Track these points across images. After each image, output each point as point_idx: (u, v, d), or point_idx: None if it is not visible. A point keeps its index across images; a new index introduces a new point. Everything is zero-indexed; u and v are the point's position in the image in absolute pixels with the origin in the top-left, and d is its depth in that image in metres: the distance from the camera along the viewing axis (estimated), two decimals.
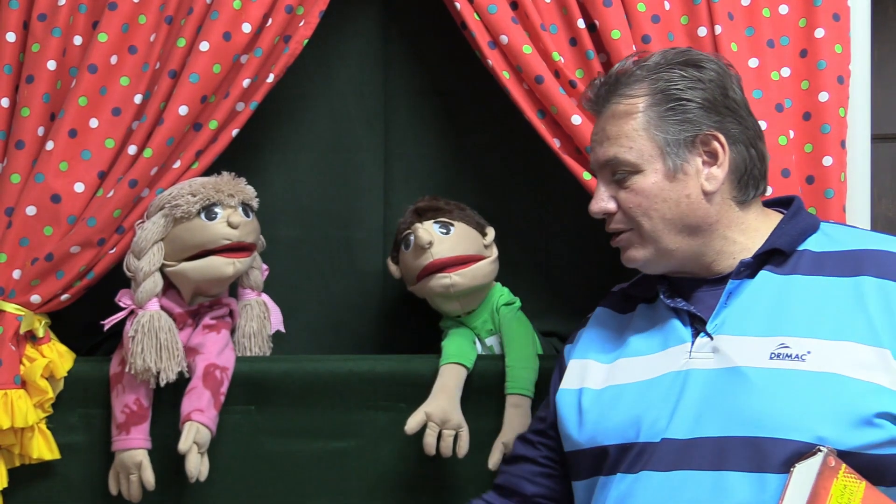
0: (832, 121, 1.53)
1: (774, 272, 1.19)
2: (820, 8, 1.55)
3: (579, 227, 1.76)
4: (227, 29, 1.52)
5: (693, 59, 1.23)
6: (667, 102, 1.20)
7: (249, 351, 1.62)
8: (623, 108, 1.23)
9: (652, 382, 1.20)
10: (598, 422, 1.23)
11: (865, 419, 1.06)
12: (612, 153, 1.23)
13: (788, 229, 1.23)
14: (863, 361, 1.09)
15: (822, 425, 1.06)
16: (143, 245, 1.51)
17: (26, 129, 1.52)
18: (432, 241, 1.55)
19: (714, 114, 1.20)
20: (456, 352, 1.55)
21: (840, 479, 1.03)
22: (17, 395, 1.50)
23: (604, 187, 1.26)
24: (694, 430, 1.13)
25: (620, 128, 1.22)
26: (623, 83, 1.24)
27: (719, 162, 1.20)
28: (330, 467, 1.56)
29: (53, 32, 1.53)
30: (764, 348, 1.13)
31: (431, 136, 1.80)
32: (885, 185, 2.59)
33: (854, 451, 1.06)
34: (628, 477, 1.15)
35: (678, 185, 1.20)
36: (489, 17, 1.56)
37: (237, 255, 1.54)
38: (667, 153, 1.20)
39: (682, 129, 1.20)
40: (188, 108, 1.52)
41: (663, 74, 1.22)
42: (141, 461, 1.50)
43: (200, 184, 1.52)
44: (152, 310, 1.51)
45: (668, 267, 1.26)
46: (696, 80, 1.21)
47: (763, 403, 1.10)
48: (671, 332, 1.23)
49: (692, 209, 1.21)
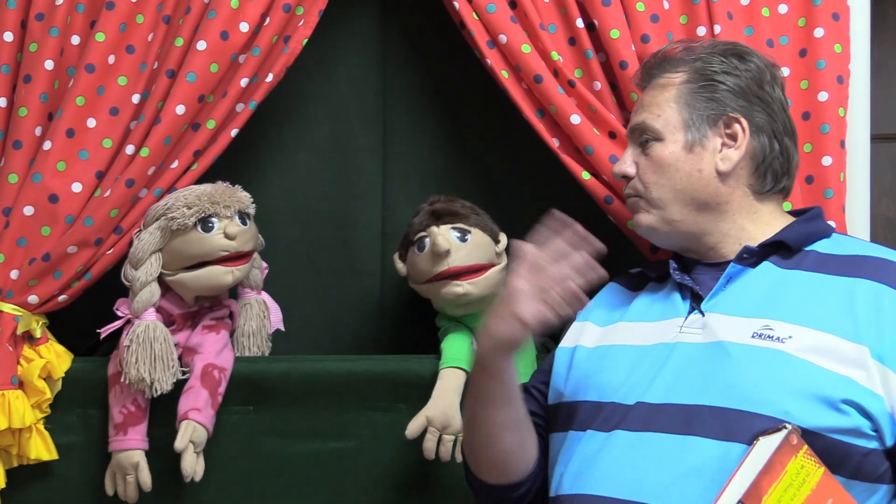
0: (832, 121, 1.52)
1: (777, 265, 1.22)
2: (819, 7, 1.55)
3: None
4: (225, 28, 1.52)
5: (739, 51, 1.30)
6: (700, 80, 1.27)
7: (249, 350, 1.62)
8: (663, 81, 1.31)
9: (643, 349, 1.23)
10: (584, 377, 1.27)
11: (831, 402, 1.09)
12: (641, 119, 1.30)
13: (801, 229, 1.26)
14: (840, 355, 1.11)
15: (789, 401, 1.09)
16: (140, 255, 1.51)
17: (24, 128, 1.52)
18: (450, 250, 1.55)
19: (742, 99, 1.26)
20: (456, 355, 1.55)
21: (799, 458, 1.04)
22: (15, 395, 1.49)
23: (629, 152, 1.32)
24: (667, 396, 1.16)
25: (655, 97, 1.30)
26: (668, 62, 1.32)
27: (737, 145, 1.25)
28: (328, 468, 1.56)
29: (51, 32, 1.53)
30: (748, 327, 1.16)
31: (430, 135, 1.80)
32: (884, 185, 2.58)
33: (817, 431, 1.08)
34: (599, 434, 1.19)
35: (693, 157, 1.26)
36: (488, 16, 1.55)
37: (236, 263, 1.54)
38: (689, 126, 1.26)
39: (708, 107, 1.26)
40: (185, 107, 1.52)
41: (705, 57, 1.28)
42: (138, 462, 1.50)
43: (196, 195, 1.52)
44: (148, 320, 1.51)
45: (673, 240, 1.30)
46: (733, 67, 1.27)
47: (736, 377, 1.13)
48: (670, 305, 1.26)
49: (703, 184, 1.25)
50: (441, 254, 1.54)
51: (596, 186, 1.56)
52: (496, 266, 1.60)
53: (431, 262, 1.56)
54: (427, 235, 1.57)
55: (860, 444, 1.09)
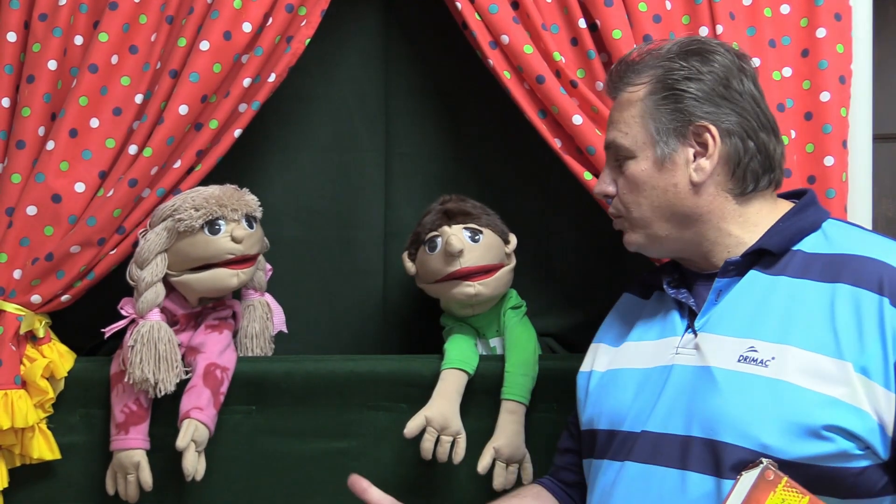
0: (833, 121, 1.53)
1: (763, 272, 1.19)
2: (821, 8, 1.55)
3: (580, 227, 1.77)
4: (228, 28, 1.52)
5: (702, 48, 1.23)
6: (663, 91, 1.22)
7: (251, 351, 1.62)
8: (626, 95, 1.26)
9: (645, 372, 1.23)
10: (596, 404, 1.27)
11: (812, 430, 1.06)
12: (611, 137, 1.27)
13: (785, 227, 1.21)
14: (823, 373, 1.08)
15: (768, 433, 1.07)
16: (145, 255, 1.51)
17: (27, 128, 1.52)
18: (463, 251, 1.55)
19: (709, 105, 1.20)
20: (458, 357, 1.55)
21: (778, 492, 1.02)
22: (18, 395, 1.50)
23: (608, 170, 1.29)
24: (665, 425, 1.16)
25: (621, 114, 1.25)
26: (632, 70, 1.27)
27: (709, 154, 1.20)
28: (330, 467, 1.56)
29: (54, 32, 1.53)
30: (735, 350, 1.14)
31: (432, 135, 1.80)
32: (885, 184, 2.58)
33: (799, 462, 1.05)
34: (615, 464, 1.19)
35: (666, 173, 1.22)
36: (490, 16, 1.56)
37: (241, 266, 1.54)
38: (657, 141, 1.22)
39: (674, 119, 1.21)
40: (188, 107, 1.52)
41: (665, 64, 1.23)
42: (139, 461, 1.50)
43: (204, 197, 1.52)
44: (153, 320, 1.51)
45: (668, 252, 1.28)
46: (696, 72, 1.21)
47: (720, 406, 1.11)
48: (669, 323, 1.25)
49: (679, 199, 1.21)
50: (454, 254, 1.53)
51: None
52: (506, 266, 1.60)
53: (444, 261, 1.56)
54: (439, 235, 1.57)
55: (851, 466, 1.06)
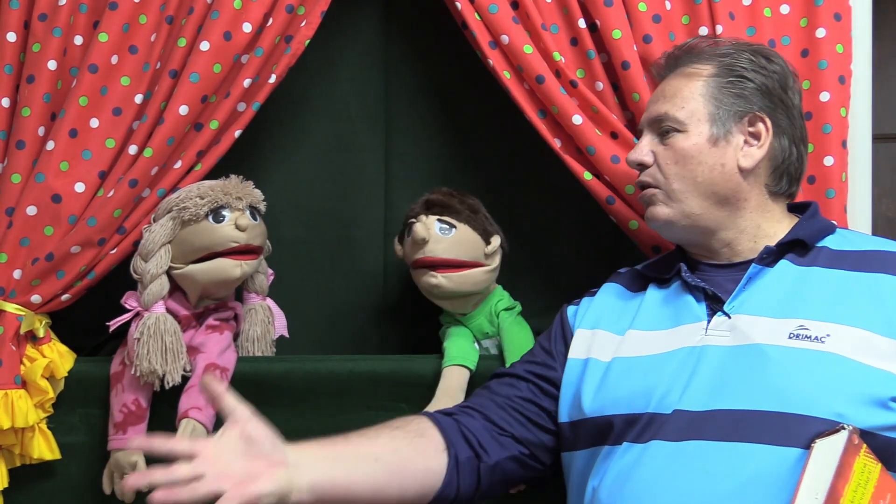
0: (833, 121, 1.52)
1: (794, 262, 1.22)
2: (821, 8, 1.55)
3: (580, 227, 1.77)
4: (228, 28, 1.52)
5: (765, 51, 1.31)
6: (729, 76, 1.27)
7: (252, 355, 1.61)
8: (689, 70, 1.30)
9: (664, 357, 1.22)
10: (605, 393, 1.24)
11: (881, 401, 1.09)
12: (664, 109, 1.29)
13: (809, 225, 1.27)
14: (878, 350, 1.12)
15: (841, 403, 1.09)
16: (150, 247, 1.51)
17: (27, 128, 1.52)
18: (426, 239, 1.55)
19: (768, 100, 1.27)
20: (458, 353, 1.55)
21: (861, 456, 1.04)
22: (18, 395, 1.49)
23: (646, 140, 1.31)
24: (710, 402, 1.14)
25: (679, 88, 1.29)
26: (694, 55, 1.31)
27: (760, 143, 1.26)
28: None
29: (54, 32, 1.53)
30: (783, 328, 1.16)
31: (432, 135, 1.80)
32: (885, 185, 2.58)
33: (870, 431, 1.08)
34: (636, 447, 1.17)
35: (717, 151, 1.26)
36: (490, 16, 1.55)
37: (245, 257, 1.53)
38: (715, 120, 1.27)
39: (736, 103, 1.27)
40: (188, 107, 1.52)
41: (734, 52, 1.29)
42: (136, 461, 1.49)
43: (209, 186, 1.52)
44: (158, 312, 1.51)
45: (688, 234, 1.29)
46: (761, 67, 1.28)
47: (785, 380, 1.12)
48: (685, 310, 1.25)
49: (724, 178, 1.25)
50: (418, 241, 1.55)
51: (598, 187, 1.56)
52: (483, 267, 1.59)
53: (412, 248, 1.57)
54: (416, 222, 1.58)
55: None
